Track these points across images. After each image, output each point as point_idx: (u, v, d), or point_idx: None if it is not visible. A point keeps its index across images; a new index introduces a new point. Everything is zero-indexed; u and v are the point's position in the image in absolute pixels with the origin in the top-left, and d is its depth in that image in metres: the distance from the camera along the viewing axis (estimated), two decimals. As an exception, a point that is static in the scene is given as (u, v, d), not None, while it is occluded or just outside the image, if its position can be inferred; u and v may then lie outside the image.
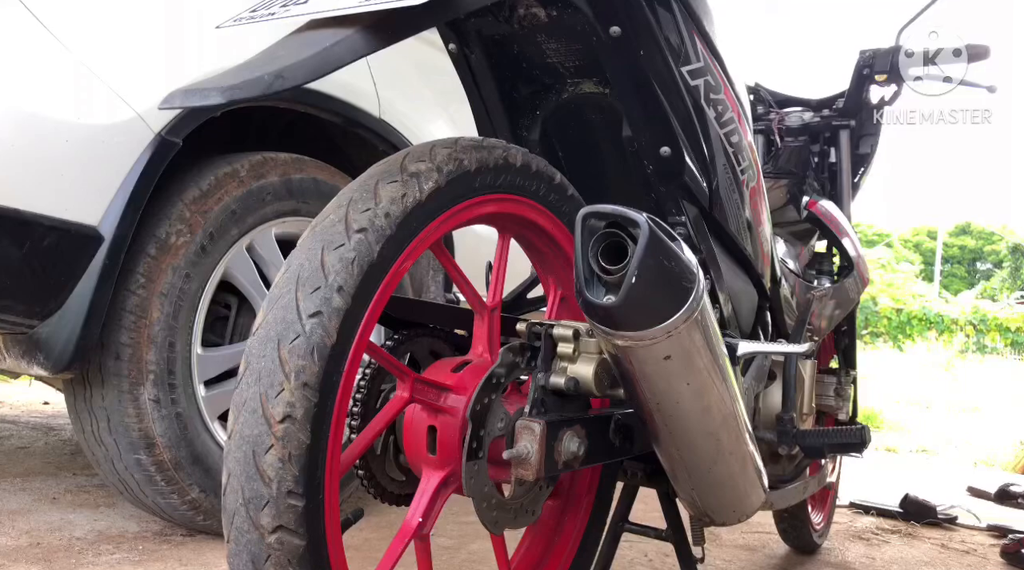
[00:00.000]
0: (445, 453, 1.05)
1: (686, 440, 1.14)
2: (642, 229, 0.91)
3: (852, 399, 2.03)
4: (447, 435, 1.05)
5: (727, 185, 1.32)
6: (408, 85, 2.32)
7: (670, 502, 1.45)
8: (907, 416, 7.42)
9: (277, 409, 0.84)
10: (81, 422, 1.86)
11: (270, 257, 2.00)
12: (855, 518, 2.95)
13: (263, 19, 0.95)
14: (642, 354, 0.99)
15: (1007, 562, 2.52)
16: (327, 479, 0.88)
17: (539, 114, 1.34)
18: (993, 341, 16.77)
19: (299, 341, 0.86)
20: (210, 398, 1.91)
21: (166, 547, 1.90)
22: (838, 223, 2.00)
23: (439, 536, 2.14)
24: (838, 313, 1.93)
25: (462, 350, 1.20)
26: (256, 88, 0.83)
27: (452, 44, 1.28)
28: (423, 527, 1.03)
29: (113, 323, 1.73)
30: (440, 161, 1.00)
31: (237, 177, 1.91)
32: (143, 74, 1.72)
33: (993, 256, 39.54)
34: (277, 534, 0.84)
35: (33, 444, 2.95)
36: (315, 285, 0.88)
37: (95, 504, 2.20)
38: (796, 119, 2.21)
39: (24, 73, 1.57)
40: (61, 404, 3.59)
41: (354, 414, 1.09)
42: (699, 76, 1.23)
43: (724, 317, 1.36)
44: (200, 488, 1.86)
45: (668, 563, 2.06)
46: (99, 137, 1.64)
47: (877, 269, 20.78)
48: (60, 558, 1.77)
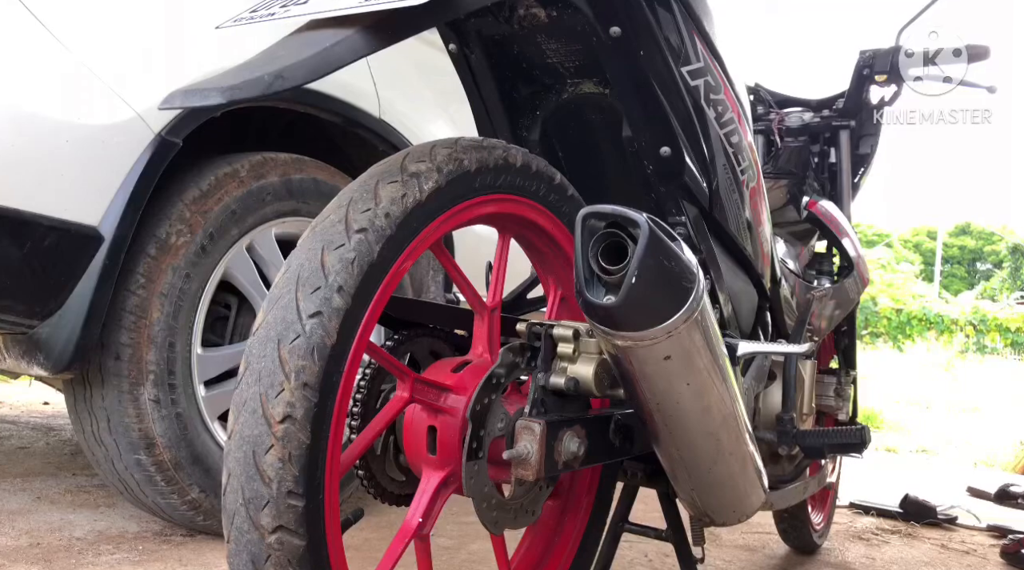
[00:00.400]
0: (445, 453, 1.05)
1: (686, 440, 1.14)
2: (642, 229, 0.91)
3: (852, 399, 2.04)
4: (447, 435, 1.05)
5: (727, 185, 1.32)
6: (408, 85, 2.32)
7: (670, 502, 1.45)
8: (907, 416, 7.42)
9: (277, 409, 0.85)
10: (81, 422, 1.86)
11: (270, 257, 2.00)
12: (855, 518, 2.95)
13: (263, 19, 0.95)
14: (642, 354, 1.00)
15: (1007, 562, 2.52)
16: (327, 479, 0.88)
17: (539, 114, 1.34)
18: (993, 341, 16.77)
19: (299, 341, 0.86)
20: (210, 398, 1.91)
21: (166, 547, 1.90)
22: (838, 223, 2.00)
23: (439, 536, 2.14)
24: (838, 313, 1.93)
25: (462, 350, 1.20)
26: (256, 88, 0.83)
27: (452, 44, 1.28)
28: (423, 527, 1.03)
29: (113, 323, 1.73)
30: (440, 161, 1.00)
31: (237, 177, 1.91)
32: (143, 74, 1.72)
33: (993, 256, 39.52)
34: (277, 534, 0.85)
35: (33, 444, 2.95)
36: (315, 285, 0.88)
37: (95, 504, 2.20)
38: (796, 119, 2.21)
39: (24, 73, 1.57)
40: (61, 404, 3.59)
41: (354, 414, 1.09)
42: (699, 76, 1.23)
43: (724, 317, 1.36)
44: (200, 488, 1.86)
45: (668, 563, 2.06)
46: (99, 137, 1.64)
47: (877, 269, 20.78)
48: (60, 558, 1.77)
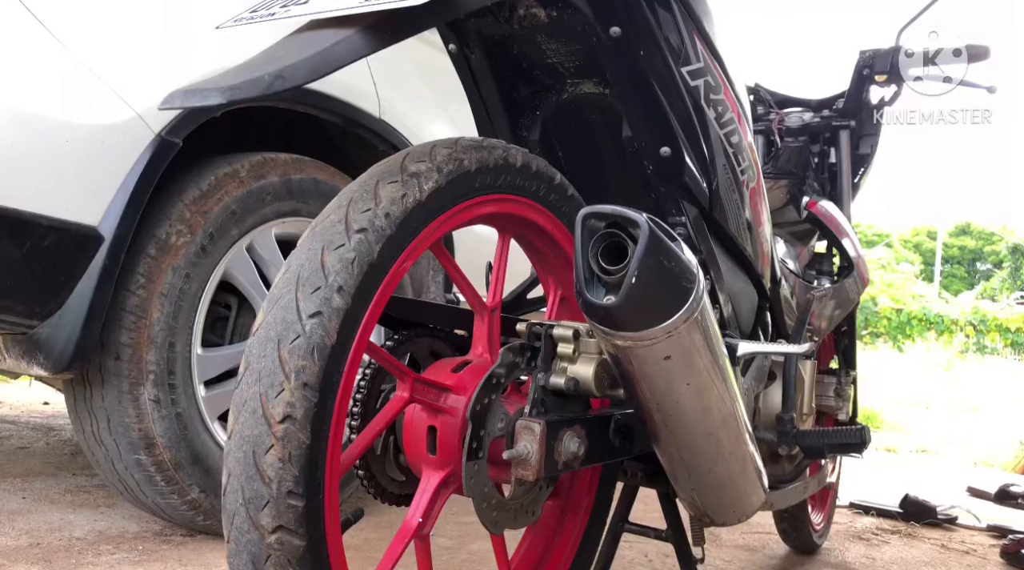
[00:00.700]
0: (445, 453, 1.05)
1: (686, 440, 1.14)
2: (642, 229, 0.91)
3: (852, 399, 2.04)
4: (447, 435, 1.05)
5: (727, 185, 1.32)
6: (408, 85, 2.32)
7: (670, 502, 1.45)
8: (907, 416, 7.42)
9: (277, 409, 0.85)
10: (81, 422, 1.86)
11: (270, 257, 2.00)
12: (855, 518, 2.95)
13: (263, 19, 0.95)
14: (642, 354, 1.00)
15: (1007, 562, 2.52)
16: (327, 479, 0.88)
17: (539, 114, 1.34)
18: (993, 341, 16.76)
19: (299, 341, 0.86)
20: (210, 398, 1.91)
21: (166, 547, 1.90)
22: (838, 223, 2.00)
23: (439, 536, 2.14)
24: (838, 313, 1.93)
25: (462, 350, 1.20)
26: (256, 88, 0.83)
27: (452, 44, 1.28)
28: (423, 527, 1.03)
29: (113, 323, 1.73)
30: (440, 161, 1.00)
31: (237, 177, 1.91)
32: (143, 74, 1.72)
33: (993, 256, 39.50)
34: (277, 534, 0.85)
35: (33, 444, 2.95)
36: (315, 285, 0.88)
37: (95, 504, 2.20)
38: (796, 119, 2.21)
39: (24, 73, 1.57)
40: (61, 404, 3.59)
41: (354, 414, 1.09)
42: (699, 76, 1.23)
43: (724, 317, 1.36)
44: (200, 488, 1.86)
45: (668, 563, 2.06)
46: (99, 137, 1.64)
47: (877, 269, 20.77)
48: (60, 558, 1.77)
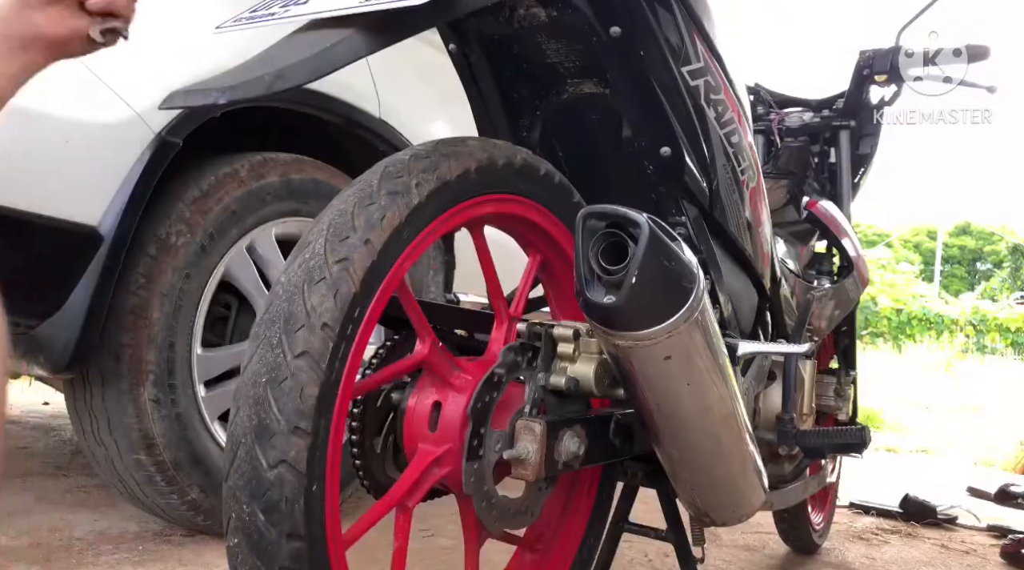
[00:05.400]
0: (446, 430, 1.05)
1: (686, 440, 1.14)
2: (642, 229, 0.91)
3: (852, 399, 2.04)
4: (451, 411, 1.05)
5: (727, 185, 1.32)
6: (408, 85, 2.32)
7: (670, 502, 1.45)
8: (907, 416, 7.41)
9: (296, 345, 0.85)
10: (81, 422, 1.86)
11: (270, 257, 2.00)
12: (855, 518, 2.95)
13: (263, 20, 0.95)
14: (642, 354, 1.00)
15: (1007, 562, 2.52)
16: (334, 418, 0.88)
17: (539, 114, 1.34)
18: (993, 341, 16.75)
19: (323, 284, 0.87)
20: (210, 398, 1.90)
21: (166, 547, 1.90)
22: (838, 223, 2.00)
23: (439, 536, 2.14)
24: (838, 313, 1.93)
25: (464, 351, 1.20)
26: (256, 88, 0.83)
27: (452, 44, 1.28)
28: (408, 499, 1.03)
29: (113, 323, 1.73)
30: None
31: (237, 177, 1.91)
32: (143, 74, 1.71)
33: (993, 256, 39.48)
34: (278, 469, 0.84)
35: (33, 444, 2.95)
36: (344, 235, 0.90)
37: (95, 504, 2.20)
38: (796, 119, 2.21)
39: (24, 73, 1.57)
40: (61, 404, 3.58)
41: (370, 363, 1.10)
42: (699, 76, 1.23)
43: (724, 317, 1.36)
44: (200, 488, 1.86)
45: (668, 563, 2.06)
46: (99, 137, 1.64)
47: (877, 269, 20.75)
48: (60, 558, 1.77)
